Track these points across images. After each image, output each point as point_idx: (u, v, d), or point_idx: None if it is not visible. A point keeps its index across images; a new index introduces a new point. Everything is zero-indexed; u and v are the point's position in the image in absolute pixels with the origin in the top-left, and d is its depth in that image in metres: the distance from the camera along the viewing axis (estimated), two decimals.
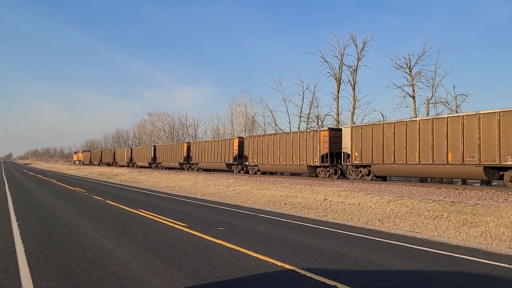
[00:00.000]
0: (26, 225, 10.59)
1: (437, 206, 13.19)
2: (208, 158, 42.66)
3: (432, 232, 10.27)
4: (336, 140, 26.96)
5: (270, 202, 17.15)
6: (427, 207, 13.24)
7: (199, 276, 5.85)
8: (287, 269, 6.28)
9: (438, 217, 11.83)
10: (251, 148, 35.29)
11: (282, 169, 32.97)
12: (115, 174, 45.68)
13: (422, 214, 12.40)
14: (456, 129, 19.04)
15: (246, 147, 36.12)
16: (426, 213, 12.45)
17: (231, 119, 66.73)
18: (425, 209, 12.97)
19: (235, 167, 38.30)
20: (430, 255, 7.58)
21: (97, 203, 16.36)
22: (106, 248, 7.77)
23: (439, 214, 12.13)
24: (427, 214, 12.37)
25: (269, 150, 32.70)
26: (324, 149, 27.04)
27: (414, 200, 14.45)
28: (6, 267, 6.38)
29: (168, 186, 27.74)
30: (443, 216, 11.87)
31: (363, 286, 5.41)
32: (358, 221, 12.10)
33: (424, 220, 11.75)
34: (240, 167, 37.54)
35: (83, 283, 5.45)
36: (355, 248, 8.13)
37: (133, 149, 69.33)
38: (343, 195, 17.10)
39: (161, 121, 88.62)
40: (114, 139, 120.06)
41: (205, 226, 10.58)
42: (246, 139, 37.00)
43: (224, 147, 39.73)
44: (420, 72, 38.44)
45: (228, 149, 38.93)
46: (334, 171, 27.03)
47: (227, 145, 39.27)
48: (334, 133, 27.48)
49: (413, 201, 14.29)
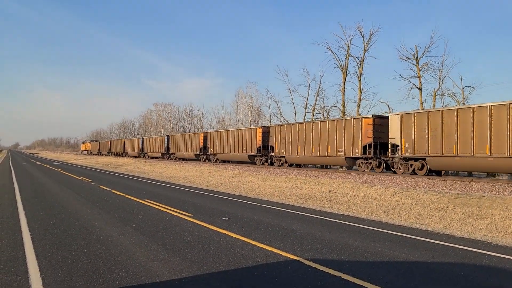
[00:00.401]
0: (33, 214, 10.68)
1: (442, 198, 13.16)
2: (227, 149, 40.23)
3: (437, 224, 10.26)
4: (381, 129, 24.18)
5: (275, 193, 17.18)
6: (432, 199, 13.22)
7: (204, 265, 5.88)
8: (291, 260, 6.30)
9: (444, 209, 11.81)
10: (278, 138, 32.51)
11: (315, 161, 30.28)
12: (121, 164, 45.91)
13: (428, 206, 12.37)
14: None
15: (272, 137, 33.51)
16: (432, 205, 12.42)
17: (237, 110, 66.88)
18: (430, 201, 12.94)
19: (258, 159, 35.97)
20: (435, 247, 7.57)
21: (103, 192, 16.46)
22: (112, 237, 7.82)
23: (444, 206, 12.10)
24: (433, 206, 12.35)
25: (300, 140, 30.00)
26: (367, 138, 24.34)
27: (419, 192, 14.42)
28: (13, 255, 6.45)
29: (173, 176, 27.84)
30: (448, 208, 11.84)
31: (367, 277, 5.42)
32: (363, 213, 12.11)
33: (429, 212, 11.73)
34: (265, 158, 35.08)
35: (90, 271, 5.50)
36: (360, 239, 8.13)
37: (145, 139, 66.38)
38: (348, 186, 17.09)
39: (167, 112, 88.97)
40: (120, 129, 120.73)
41: (210, 216, 10.63)
42: (272, 128, 34.40)
43: (246, 137, 37.11)
44: (427, 63, 38.25)
45: (251, 139, 36.29)
46: (378, 163, 24.42)
47: (250, 135, 36.64)
48: (379, 121, 24.60)
49: (418, 193, 14.26)
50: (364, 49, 42.29)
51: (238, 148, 38.79)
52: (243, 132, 38.21)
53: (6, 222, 9.47)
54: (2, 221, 9.60)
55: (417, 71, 38.64)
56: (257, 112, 62.76)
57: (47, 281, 5.10)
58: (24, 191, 16.55)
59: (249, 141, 36.83)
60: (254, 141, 36.24)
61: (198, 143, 45.69)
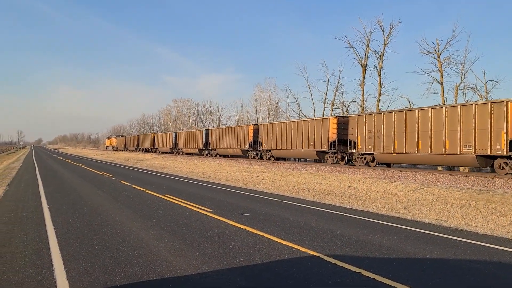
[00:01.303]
0: (56, 208, 10.91)
1: (464, 194, 12.94)
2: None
3: (459, 221, 10.10)
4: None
5: (294, 188, 17.15)
6: (454, 195, 13.01)
7: (224, 260, 5.92)
8: (311, 255, 6.29)
9: (466, 206, 11.61)
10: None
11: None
12: (140, 160, 46.44)
13: (449, 203, 12.19)
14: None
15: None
16: (453, 202, 12.23)
17: (255, 105, 66.75)
18: (452, 197, 12.74)
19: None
20: (457, 244, 7.46)
21: (123, 187, 16.69)
22: (133, 232, 7.94)
23: (466, 203, 11.90)
24: (454, 202, 12.15)
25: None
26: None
27: (440, 188, 14.21)
28: (38, 248, 6.61)
29: (192, 171, 28.04)
30: (470, 205, 11.64)
31: (388, 273, 5.37)
32: (383, 209, 12.00)
33: (451, 208, 11.55)
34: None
35: (112, 265, 5.60)
36: (380, 235, 8.07)
37: (178, 133, 59.60)
38: (367, 182, 16.95)
39: (186, 107, 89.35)
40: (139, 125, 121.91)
41: (229, 211, 10.68)
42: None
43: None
44: (449, 57, 37.49)
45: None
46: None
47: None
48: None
49: (439, 189, 14.05)
50: (384, 43, 41.75)
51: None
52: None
53: (31, 216, 9.70)
54: (27, 215, 9.84)
55: (439, 65, 37.94)
56: (276, 107, 62.65)
57: (71, 274, 5.21)
58: (47, 186, 16.90)
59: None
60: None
61: (246, 137, 39.17)
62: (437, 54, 37.98)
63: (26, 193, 14.47)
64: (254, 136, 38.14)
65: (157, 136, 69.51)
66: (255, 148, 38.19)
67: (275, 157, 34.85)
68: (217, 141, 45.39)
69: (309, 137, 30.07)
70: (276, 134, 34.16)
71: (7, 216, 9.64)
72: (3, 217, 9.58)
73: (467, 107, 19.13)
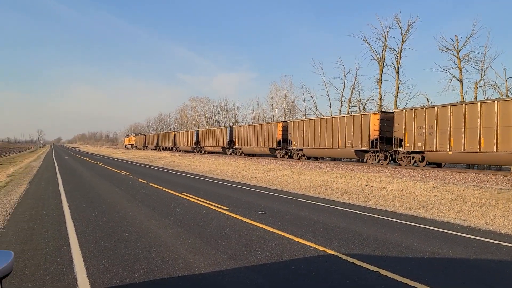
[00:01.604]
0: (76, 206, 11.09)
1: (484, 193, 12.72)
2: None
3: (479, 220, 9.94)
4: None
5: (310, 187, 17.09)
6: (473, 194, 12.80)
7: (241, 259, 5.94)
8: (328, 254, 6.27)
9: (486, 205, 11.41)
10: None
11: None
12: (157, 158, 46.85)
13: (469, 201, 11.99)
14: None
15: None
16: (473, 200, 12.03)
17: (271, 103, 66.71)
18: (471, 196, 12.54)
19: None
20: (478, 244, 7.34)
21: (141, 185, 16.87)
22: (151, 229, 8.02)
23: (486, 202, 11.69)
24: (474, 201, 11.96)
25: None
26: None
27: (460, 186, 13.99)
28: (59, 245, 6.73)
29: (209, 170, 28.17)
30: (491, 204, 11.43)
31: (406, 273, 5.32)
32: (400, 207, 11.87)
33: (470, 207, 11.37)
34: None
35: (131, 262, 5.67)
36: (398, 234, 7.99)
37: (200, 131, 56.84)
38: (385, 181, 16.79)
39: (202, 106, 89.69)
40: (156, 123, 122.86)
41: (246, 209, 10.70)
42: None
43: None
44: (468, 54, 36.86)
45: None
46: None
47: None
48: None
49: (458, 187, 13.84)
50: (402, 40, 41.29)
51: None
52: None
53: (51, 213, 9.88)
54: (48, 212, 10.03)
55: (458, 62, 37.33)
56: (292, 105, 62.45)
57: (91, 271, 5.29)
58: (67, 184, 17.18)
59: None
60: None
61: (275, 135, 37.30)
62: (456, 51, 37.39)
63: (46, 191, 14.74)
64: (283, 134, 36.16)
65: (177, 134, 67.58)
66: (284, 147, 36.19)
67: (306, 156, 33.00)
68: (242, 139, 43.64)
69: (346, 135, 27.97)
70: (308, 131, 32.08)
71: (29, 214, 9.84)
72: (25, 214, 9.78)
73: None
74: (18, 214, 9.81)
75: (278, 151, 37.29)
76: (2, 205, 11.27)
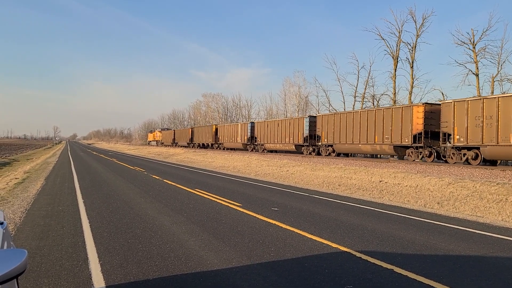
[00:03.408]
0: (90, 202, 11.21)
1: (501, 189, 12.52)
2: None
3: (495, 217, 9.79)
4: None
5: (323, 183, 17.02)
6: (490, 190, 12.60)
7: (254, 255, 5.94)
8: (342, 251, 6.23)
9: (502, 201, 11.24)
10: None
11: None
12: (171, 154, 47.14)
13: (485, 198, 11.82)
14: None
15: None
16: (489, 197, 11.86)
17: (284, 99, 66.60)
18: (488, 192, 12.35)
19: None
20: (494, 241, 7.23)
21: (155, 182, 16.98)
22: (165, 226, 8.07)
23: (503, 198, 11.51)
24: (490, 197, 11.78)
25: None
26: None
27: (476, 182, 13.79)
28: (74, 241, 6.81)
29: (222, 166, 28.24)
30: (508, 200, 11.25)
31: (421, 270, 5.26)
32: (415, 204, 11.76)
33: (486, 203, 11.21)
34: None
35: (144, 259, 5.71)
36: (412, 231, 7.91)
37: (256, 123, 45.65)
38: (399, 176, 16.64)
39: (215, 102, 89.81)
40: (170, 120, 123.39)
41: (259, 206, 10.70)
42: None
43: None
44: (484, 48, 36.30)
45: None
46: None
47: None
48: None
49: (474, 183, 13.64)
50: (417, 34, 40.84)
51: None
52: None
53: (67, 210, 10.01)
54: (63, 209, 10.16)
55: (474, 56, 36.77)
56: (305, 101, 62.26)
57: (105, 267, 5.34)
58: (82, 180, 17.39)
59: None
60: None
61: (301, 131, 35.24)
62: (472, 45, 36.82)
63: (62, 188, 14.93)
64: (310, 129, 33.99)
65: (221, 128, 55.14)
66: (311, 143, 34.16)
67: (337, 152, 31.33)
68: (264, 135, 41.61)
69: (384, 129, 25.91)
70: (340, 126, 30.15)
71: (45, 210, 9.98)
72: (41, 210, 9.93)
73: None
74: (35, 210, 9.96)
75: (304, 147, 35.36)
76: (19, 202, 11.45)
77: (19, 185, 15.84)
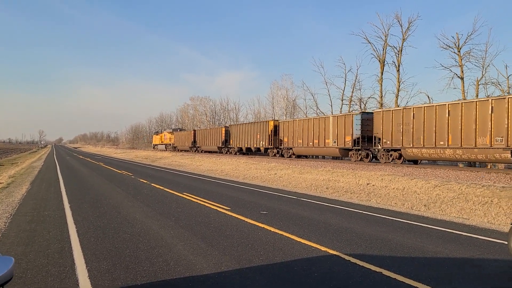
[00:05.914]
0: (77, 207, 11.08)
1: (486, 191, 12.69)
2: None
3: (481, 219, 9.92)
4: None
5: (312, 186, 17.07)
6: (475, 192, 12.77)
7: (243, 259, 5.92)
8: (330, 254, 6.25)
9: (488, 203, 11.39)
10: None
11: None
12: (159, 158, 46.85)
13: (470, 200, 11.97)
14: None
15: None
16: (475, 199, 12.01)
17: (272, 102, 66.66)
18: (473, 195, 12.51)
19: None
20: (480, 243, 7.31)
21: (143, 186, 16.86)
22: (153, 230, 8.00)
23: (488, 200, 11.67)
24: (476, 199, 11.93)
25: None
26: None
27: (461, 185, 13.96)
28: (61, 247, 6.72)
29: (210, 169, 28.16)
30: (493, 202, 11.41)
31: (409, 273, 5.30)
32: (402, 206, 11.85)
33: (472, 205, 11.35)
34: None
35: (132, 264, 5.65)
36: (400, 234, 7.97)
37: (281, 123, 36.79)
38: (386, 179, 16.76)
39: (203, 106, 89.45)
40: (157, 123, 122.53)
41: (248, 209, 10.68)
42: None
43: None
44: (469, 51, 36.71)
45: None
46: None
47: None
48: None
49: (460, 186, 13.80)
50: (403, 38, 41.17)
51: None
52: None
53: (53, 214, 9.88)
54: (49, 213, 10.02)
55: (459, 59, 37.22)
56: (293, 104, 62.39)
57: (93, 273, 5.28)
58: (68, 185, 17.18)
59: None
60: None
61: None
62: (457, 49, 37.26)
63: (48, 192, 14.73)
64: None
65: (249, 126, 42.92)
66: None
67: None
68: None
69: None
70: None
71: (30, 215, 9.83)
72: (26, 215, 9.77)
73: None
74: (20, 216, 9.80)
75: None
76: (4, 206, 11.26)
77: (3, 190, 15.58)
